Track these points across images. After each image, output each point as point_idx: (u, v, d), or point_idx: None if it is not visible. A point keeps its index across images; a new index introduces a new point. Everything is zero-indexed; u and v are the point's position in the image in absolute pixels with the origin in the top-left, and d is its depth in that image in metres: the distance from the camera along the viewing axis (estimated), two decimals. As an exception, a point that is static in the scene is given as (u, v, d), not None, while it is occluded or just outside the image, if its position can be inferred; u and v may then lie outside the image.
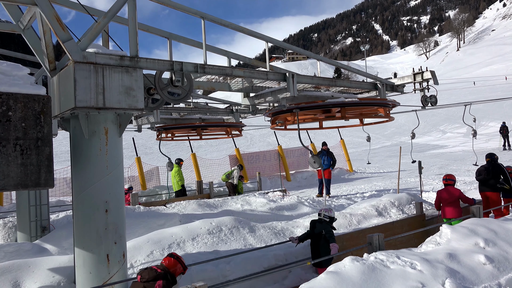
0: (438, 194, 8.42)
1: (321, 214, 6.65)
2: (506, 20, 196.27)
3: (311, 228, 6.63)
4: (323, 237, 6.34)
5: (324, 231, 6.35)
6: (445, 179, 8.52)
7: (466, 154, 25.44)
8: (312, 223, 6.67)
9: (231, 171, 15.61)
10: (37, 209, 8.60)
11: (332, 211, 6.70)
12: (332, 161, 15.08)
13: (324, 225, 6.48)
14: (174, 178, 14.69)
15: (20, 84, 4.32)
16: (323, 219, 6.58)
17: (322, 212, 6.67)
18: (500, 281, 4.65)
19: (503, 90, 57.91)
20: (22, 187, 4.24)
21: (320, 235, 6.40)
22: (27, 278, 5.62)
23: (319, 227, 6.49)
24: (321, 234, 6.38)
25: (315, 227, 6.57)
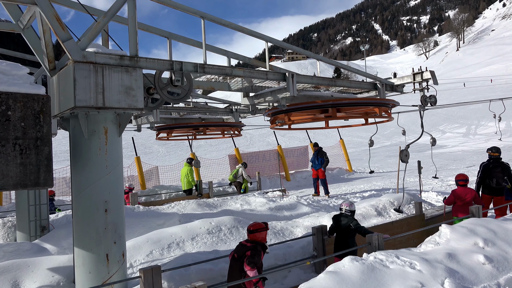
0: (455, 193, 8.39)
1: (342, 209, 6.79)
2: (506, 20, 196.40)
3: (335, 223, 6.78)
4: (352, 230, 6.51)
5: (352, 225, 6.53)
6: (461, 179, 8.46)
7: (465, 154, 25.46)
8: (336, 218, 6.82)
9: (236, 170, 15.65)
10: (36, 209, 8.60)
11: (353, 204, 6.84)
12: (323, 160, 15.06)
13: (349, 218, 6.65)
14: (185, 177, 14.71)
15: (19, 84, 4.32)
16: (346, 213, 6.73)
17: (343, 207, 6.80)
18: (499, 281, 4.65)
19: (502, 90, 57.96)
20: (21, 186, 4.24)
21: (347, 229, 6.57)
22: (26, 277, 5.61)
23: (344, 221, 6.66)
24: (349, 227, 6.54)
25: (339, 221, 6.72)
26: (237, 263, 5.24)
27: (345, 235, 6.58)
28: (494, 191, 9.27)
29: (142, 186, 16.77)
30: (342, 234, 6.64)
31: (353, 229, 6.50)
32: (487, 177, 9.32)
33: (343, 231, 6.62)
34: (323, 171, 15.03)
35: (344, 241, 6.58)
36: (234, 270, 5.28)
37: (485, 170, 9.41)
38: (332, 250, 6.71)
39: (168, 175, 19.01)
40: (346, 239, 6.56)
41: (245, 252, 5.17)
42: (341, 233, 6.66)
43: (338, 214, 6.85)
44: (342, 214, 6.76)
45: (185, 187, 14.77)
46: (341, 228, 6.66)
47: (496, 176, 9.22)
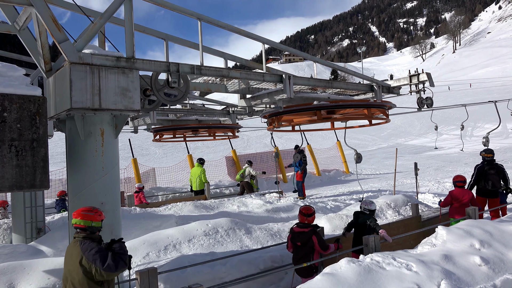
0: (452, 194, 8.41)
1: (361, 207, 7.05)
2: (502, 23, 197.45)
3: (355, 219, 7.02)
4: (368, 226, 6.74)
5: (368, 221, 6.77)
6: (459, 181, 8.48)
7: (461, 156, 25.53)
8: (356, 214, 7.06)
9: (243, 170, 15.71)
10: (32, 211, 8.56)
11: (373, 204, 7.07)
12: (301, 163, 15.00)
13: (367, 216, 6.89)
14: (197, 178, 14.72)
15: (15, 85, 4.31)
16: (364, 212, 6.98)
17: (362, 205, 7.06)
18: (495, 282, 4.67)
19: (498, 92, 58.24)
20: (17, 188, 4.22)
21: (364, 225, 6.80)
22: (22, 280, 5.58)
23: (362, 217, 6.90)
24: (366, 223, 6.79)
25: (358, 217, 6.96)
26: (304, 248, 5.84)
27: (361, 231, 6.81)
28: (489, 193, 9.28)
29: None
30: (359, 230, 6.90)
31: (368, 227, 6.76)
32: (483, 180, 9.33)
33: (360, 227, 6.88)
34: (300, 173, 14.97)
35: (360, 237, 6.74)
36: (302, 256, 5.86)
37: (480, 173, 9.40)
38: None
39: (165, 177, 18.98)
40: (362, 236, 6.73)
41: (309, 238, 5.80)
42: (358, 229, 6.93)
43: (358, 211, 7.13)
44: (361, 212, 7.03)
45: (196, 188, 14.77)
46: (358, 224, 6.93)
47: (492, 178, 9.23)
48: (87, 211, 3.98)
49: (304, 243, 5.85)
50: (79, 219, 3.92)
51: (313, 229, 5.92)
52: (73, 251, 3.84)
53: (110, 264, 3.69)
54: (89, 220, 3.93)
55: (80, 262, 3.75)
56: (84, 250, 3.75)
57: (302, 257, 5.87)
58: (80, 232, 3.92)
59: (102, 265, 3.66)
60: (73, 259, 3.79)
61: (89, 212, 3.99)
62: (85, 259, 3.72)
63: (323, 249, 5.86)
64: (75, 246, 3.84)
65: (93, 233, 3.95)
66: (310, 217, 6.06)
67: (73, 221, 3.95)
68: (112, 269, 3.70)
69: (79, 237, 3.88)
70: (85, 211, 3.98)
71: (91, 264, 3.69)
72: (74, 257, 3.79)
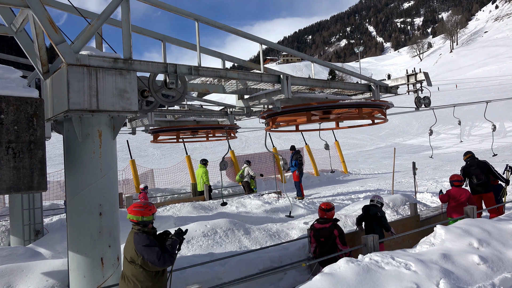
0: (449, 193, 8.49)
1: (374, 200, 7.51)
2: (499, 22, 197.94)
3: (365, 212, 7.43)
4: (378, 218, 7.22)
5: (379, 214, 7.26)
6: (456, 180, 8.57)
7: (459, 155, 25.56)
8: (366, 208, 7.48)
9: (242, 170, 15.76)
10: (30, 213, 8.54)
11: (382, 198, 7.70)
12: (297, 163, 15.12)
13: (378, 208, 7.37)
14: (201, 179, 14.73)
15: (12, 87, 4.29)
16: (376, 204, 7.45)
17: (375, 198, 7.55)
18: (494, 281, 4.67)
19: (496, 91, 58.39)
20: (14, 190, 4.21)
21: (375, 216, 7.25)
22: (20, 282, 5.57)
23: (373, 210, 7.34)
24: (376, 215, 7.24)
25: (369, 209, 7.38)
26: (328, 243, 6.18)
27: (372, 222, 7.27)
28: (478, 187, 9.54)
29: (137, 189, 16.69)
30: (369, 222, 7.32)
31: (379, 217, 7.21)
32: (468, 177, 9.72)
33: (371, 219, 7.30)
34: (297, 174, 15.05)
35: (371, 228, 7.25)
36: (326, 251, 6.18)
37: (465, 172, 9.82)
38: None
39: (163, 178, 18.96)
40: (373, 226, 7.26)
41: (332, 232, 6.18)
42: (369, 221, 7.33)
43: (368, 205, 7.51)
44: (372, 204, 7.46)
45: (201, 188, 14.86)
46: (369, 216, 7.34)
47: (474, 172, 9.60)
48: (138, 207, 4.36)
49: (327, 238, 6.21)
50: (132, 215, 4.33)
51: (334, 223, 6.30)
52: (129, 239, 4.30)
53: (155, 260, 4.08)
54: (140, 216, 4.31)
55: (133, 250, 4.17)
56: (136, 242, 4.16)
57: (328, 251, 6.19)
58: (134, 225, 4.35)
59: (147, 255, 4.09)
60: (129, 246, 4.23)
61: (140, 208, 4.35)
62: (135, 249, 4.14)
63: (342, 243, 6.22)
64: (130, 235, 4.31)
65: (145, 226, 4.34)
66: (329, 211, 6.48)
67: (128, 216, 4.37)
68: (157, 264, 4.10)
69: (135, 229, 4.32)
70: (136, 207, 4.36)
71: (140, 255, 4.11)
72: (129, 245, 4.24)
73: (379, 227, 7.20)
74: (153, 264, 4.10)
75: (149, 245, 4.14)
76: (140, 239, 4.17)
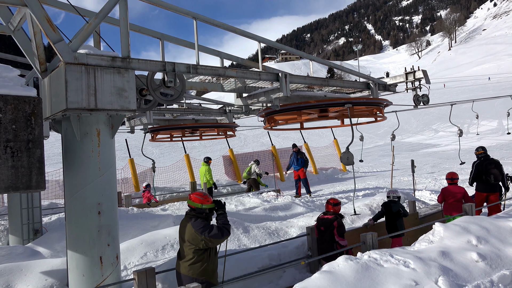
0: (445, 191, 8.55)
1: (390, 196, 7.72)
2: (497, 20, 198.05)
3: (386, 209, 7.66)
4: (402, 214, 7.52)
5: (401, 210, 7.53)
6: (450, 177, 8.64)
7: (458, 153, 25.59)
8: (386, 205, 7.71)
9: (249, 167, 15.96)
10: (29, 212, 8.53)
11: (397, 191, 7.90)
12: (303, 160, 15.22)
13: (397, 204, 7.61)
14: (204, 177, 14.78)
15: (10, 86, 4.28)
16: (393, 199, 7.65)
17: (390, 194, 7.74)
18: (492, 278, 4.68)
19: (494, 89, 58.44)
20: (13, 189, 4.20)
21: (398, 213, 7.52)
22: (19, 281, 5.56)
23: (394, 207, 7.57)
24: (399, 212, 7.51)
25: (390, 207, 7.60)
26: (326, 233, 6.48)
27: (395, 219, 7.54)
28: (491, 187, 9.37)
29: (136, 188, 16.70)
30: (392, 218, 7.57)
31: (402, 214, 7.50)
32: (484, 174, 9.43)
33: (394, 216, 7.55)
34: (305, 171, 15.14)
35: (393, 224, 7.52)
36: (324, 240, 6.51)
37: (479, 168, 9.50)
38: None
39: (162, 177, 18.94)
40: (395, 222, 7.54)
41: (332, 223, 6.45)
42: (391, 218, 7.59)
43: (387, 202, 7.73)
44: (391, 201, 7.65)
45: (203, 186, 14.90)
46: (391, 213, 7.56)
47: (493, 172, 9.37)
48: (200, 196, 4.87)
49: (326, 228, 6.50)
50: (193, 201, 4.82)
51: (336, 216, 6.60)
52: (186, 224, 4.78)
53: (218, 234, 4.60)
54: (199, 203, 4.80)
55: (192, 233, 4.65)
56: (196, 226, 4.66)
57: (326, 241, 6.48)
58: (191, 211, 4.83)
59: (209, 233, 4.58)
60: (188, 231, 4.70)
61: (201, 197, 4.86)
62: (195, 231, 4.62)
63: (340, 235, 6.48)
64: (186, 221, 4.79)
65: (200, 213, 4.78)
66: (336, 206, 6.82)
67: (188, 202, 4.88)
68: (219, 236, 4.62)
69: (190, 215, 4.81)
70: (197, 196, 4.87)
71: (200, 235, 4.59)
72: (188, 230, 4.71)
73: (401, 222, 7.54)
74: (216, 238, 4.61)
75: (206, 225, 4.67)
76: (196, 223, 4.67)
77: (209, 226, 4.67)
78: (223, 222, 4.77)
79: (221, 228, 4.68)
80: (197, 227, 4.65)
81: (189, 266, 4.69)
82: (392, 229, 7.45)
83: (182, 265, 4.76)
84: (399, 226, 7.50)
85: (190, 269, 4.69)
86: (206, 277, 4.74)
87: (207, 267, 4.75)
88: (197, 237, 4.62)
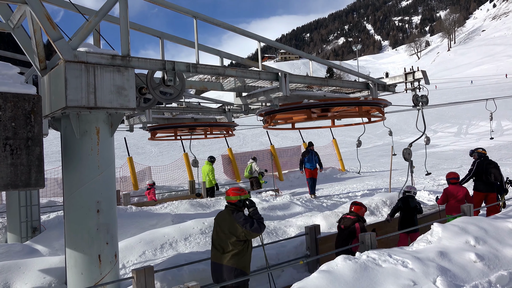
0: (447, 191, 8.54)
1: (410, 192, 7.94)
2: (496, 21, 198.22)
3: (403, 204, 7.84)
4: (418, 210, 7.71)
5: (418, 206, 7.74)
6: (452, 177, 8.61)
7: (456, 153, 25.68)
8: (403, 200, 7.87)
9: (249, 166, 15.96)
10: (27, 210, 8.52)
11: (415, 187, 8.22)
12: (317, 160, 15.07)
13: (415, 200, 7.81)
14: (207, 176, 14.80)
15: (9, 83, 4.28)
16: (412, 194, 7.87)
17: (412, 190, 7.98)
18: (490, 279, 4.70)
19: (493, 90, 58.53)
20: (12, 187, 4.20)
21: (415, 208, 7.71)
22: (17, 279, 5.56)
23: (412, 202, 7.76)
24: (416, 207, 7.70)
25: (407, 202, 7.78)
26: (345, 232, 6.53)
27: (412, 214, 7.71)
28: (490, 187, 9.41)
29: (134, 187, 16.68)
30: (409, 213, 7.74)
31: (419, 209, 7.69)
32: (484, 174, 9.46)
33: (411, 211, 7.72)
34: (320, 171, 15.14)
35: (411, 219, 7.68)
36: (342, 237, 6.55)
37: (480, 168, 9.53)
38: (325, 249, 6.74)
39: (161, 176, 18.93)
40: (413, 217, 7.71)
41: (352, 224, 6.51)
42: (408, 213, 7.75)
43: (405, 197, 7.90)
44: (409, 196, 7.84)
45: (207, 185, 14.94)
46: (409, 208, 7.74)
47: (494, 172, 9.40)
48: (237, 190, 5.19)
49: (346, 227, 6.55)
50: (232, 196, 5.11)
51: (359, 218, 6.67)
52: (225, 216, 5.07)
53: (257, 227, 4.91)
54: (238, 195, 5.12)
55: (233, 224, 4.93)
56: (236, 218, 4.94)
57: (343, 239, 6.53)
58: (231, 205, 5.13)
59: (250, 227, 4.87)
60: (230, 225, 4.97)
61: (238, 191, 5.19)
62: (236, 223, 4.91)
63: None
64: (227, 214, 5.08)
65: (240, 206, 5.10)
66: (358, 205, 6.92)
67: (227, 197, 5.18)
68: (258, 230, 4.93)
69: (231, 208, 5.10)
70: (235, 190, 5.19)
71: (241, 227, 4.88)
72: (227, 221, 5.00)
73: (416, 218, 7.74)
74: (256, 232, 4.91)
75: (247, 218, 4.98)
76: (238, 216, 4.97)
77: (250, 220, 4.95)
78: (258, 218, 5.05)
79: (259, 223, 4.99)
80: (239, 219, 4.94)
81: (231, 257, 4.96)
82: (409, 224, 7.55)
83: (223, 256, 5.01)
84: (416, 222, 7.66)
85: (231, 260, 4.96)
86: (244, 266, 5.04)
87: (246, 258, 5.07)
88: (238, 228, 4.89)
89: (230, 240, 4.96)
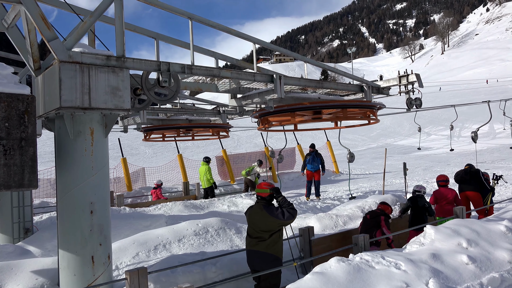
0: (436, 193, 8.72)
1: (420, 191, 8.28)
2: (489, 25, 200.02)
3: (412, 203, 8.22)
4: (427, 209, 8.02)
5: (426, 204, 8.05)
6: (441, 180, 8.80)
7: (449, 156, 25.83)
8: (412, 199, 8.25)
9: (251, 167, 16.02)
10: (20, 211, 8.46)
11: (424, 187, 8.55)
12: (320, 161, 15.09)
13: (423, 199, 8.12)
14: (204, 176, 14.81)
15: (3, 83, 4.25)
16: (421, 194, 8.20)
17: (422, 189, 8.32)
18: (482, 281, 4.74)
19: (486, 93, 59.02)
20: (5, 188, 4.17)
21: (424, 207, 8.03)
22: (9, 280, 5.52)
23: (420, 201, 8.08)
24: (425, 206, 8.02)
25: (416, 201, 8.12)
26: (371, 221, 7.25)
27: (421, 213, 8.03)
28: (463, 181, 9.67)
29: (128, 188, 16.62)
30: (419, 212, 8.07)
31: (427, 208, 8.01)
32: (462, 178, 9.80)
33: (420, 209, 8.05)
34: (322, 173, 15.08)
35: (420, 217, 7.99)
36: (368, 227, 7.22)
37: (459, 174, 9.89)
38: (319, 251, 6.76)
39: (155, 177, 18.87)
40: (422, 216, 8.02)
41: (378, 216, 7.23)
42: (418, 211, 8.09)
43: (414, 196, 8.26)
44: (418, 195, 8.18)
45: (204, 186, 14.96)
46: (418, 207, 8.08)
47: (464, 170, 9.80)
48: (267, 185, 5.60)
49: (372, 217, 7.27)
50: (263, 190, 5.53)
51: (384, 212, 7.35)
52: (258, 210, 5.47)
53: (290, 215, 5.33)
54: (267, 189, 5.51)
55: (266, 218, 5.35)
56: (270, 211, 5.37)
57: (368, 228, 7.14)
58: (261, 199, 5.53)
59: (283, 217, 5.30)
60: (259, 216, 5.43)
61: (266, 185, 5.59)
62: (270, 216, 5.32)
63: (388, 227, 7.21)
64: (259, 209, 5.47)
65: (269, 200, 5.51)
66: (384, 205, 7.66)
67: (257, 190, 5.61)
68: (291, 217, 5.35)
69: (262, 203, 5.50)
70: (266, 185, 5.59)
71: (276, 218, 5.30)
72: (260, 215, 5.43)
73: (426, 217, 8.01)
74: (290, 220, 5.33)
75: (278, 209, 5.38)
76: (270, 208, 5.40)
77: (281, 210, 5.36)
78: (288, 205, 5.42)
79: (290, 211, 5.36)
80: (272, 212, 5.34)
81: (270, 246, 5.38)
82: (419, 223, 7.72)
83: (261, 245, 5.41)
84: (426, 220, 7.89)
85: (269, 248, 5.38)
86: (279, 253, 5.49)
87: (280, 245, 5.50)
88: (274, 221, 5.30)
89: (266, 231, 5.36)
